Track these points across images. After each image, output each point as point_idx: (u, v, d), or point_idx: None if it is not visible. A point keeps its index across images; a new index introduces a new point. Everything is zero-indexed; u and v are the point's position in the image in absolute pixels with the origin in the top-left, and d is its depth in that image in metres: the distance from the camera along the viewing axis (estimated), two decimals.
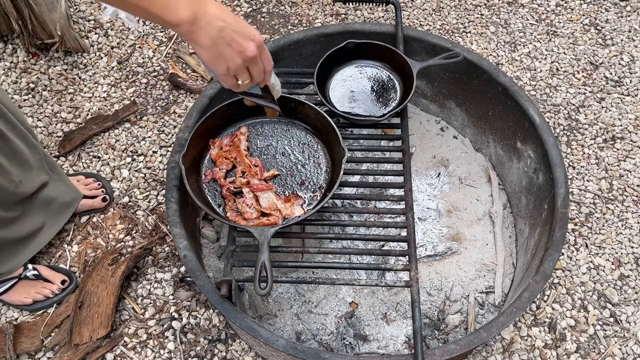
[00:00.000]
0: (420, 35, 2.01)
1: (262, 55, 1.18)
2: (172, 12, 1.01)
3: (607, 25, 2.71)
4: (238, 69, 1.13)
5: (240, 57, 1.11)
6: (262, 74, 1.21)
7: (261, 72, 1.20)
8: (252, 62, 1.15)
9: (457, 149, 2.27)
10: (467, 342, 1.46)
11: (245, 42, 1.10)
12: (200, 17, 1.04)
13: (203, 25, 1.04)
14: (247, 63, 1.14)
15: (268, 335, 1.44)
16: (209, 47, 1.08)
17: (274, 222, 1.52)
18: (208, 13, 1.04)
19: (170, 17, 1.01)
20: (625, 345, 1.88)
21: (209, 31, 1.06)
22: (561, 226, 1.64)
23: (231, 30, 1.08)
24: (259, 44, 1.14)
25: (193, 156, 1.61)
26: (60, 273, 1.89)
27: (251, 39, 1.11)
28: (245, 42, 1.10)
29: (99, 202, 2.03)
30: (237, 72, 1.14)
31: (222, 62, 1.11)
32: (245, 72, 1.16)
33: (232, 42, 1.08)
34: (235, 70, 1.13)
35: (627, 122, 2.39)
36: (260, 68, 1.18)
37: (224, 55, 1.09)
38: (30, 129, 1.77)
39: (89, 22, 2.60)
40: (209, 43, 1.07)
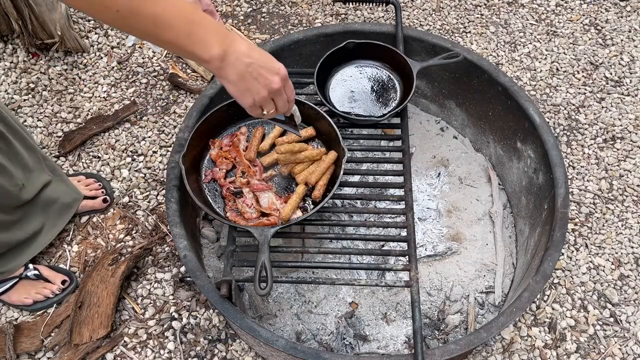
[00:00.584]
0: (420, 35, 2.01)
1: (286, 86, 1.25)
2: (204, 50, 1.07)
3: (607, 25, 2.71)
4: (264, 101, 1.19)
5: (266, 89, 1.17)
6: (287, 104, 1.28)
7: (285, 102, 1.27)
8: (277, 94, 1.21)
9: (457, 149, 2.27)
10: (467, 342, 1.46)
11: (271, 76, 1.17)
12: (230, 54, 1.09)
13: (232, 61, 1.10)
14: (272, 95, 1.20)
15: (268, 335, 1.44)
16: (237, 82, 1.14)
17: (274, 222, 1.52)
18: (237, 50, 1.11)
19: (203, 54, 1.07)
20: (625, 345, 1.88)
21: (238, 67, 1.12)
22: (561, 226, 1.64)
23: (258, 65, 1.14)
24: (284, 76, 1.21)
25: (193, 156, 1.61)
26: (60, 273, 1.89)
27: (276, 73, 1.18)
28: (271, 76, 1.17)
29: (100, 203, 2.03)
30: (263, 103, 1.20)
31: (249, 96, 1.17)
32: (270, 103, 1.22)
33: (258, 76, 1.15)
34: (261, 102, 1.19)
35: (627, 122, 2.39)
36: (284, 99, 1.25)
37: (251, 89, 1.15)
38: (27, 132, 1.77)
39: (89, 22, 2.60)
40: (236, 78, 1.13)
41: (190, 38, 1.05)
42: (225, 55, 1.09)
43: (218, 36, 1.08)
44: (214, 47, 1.07)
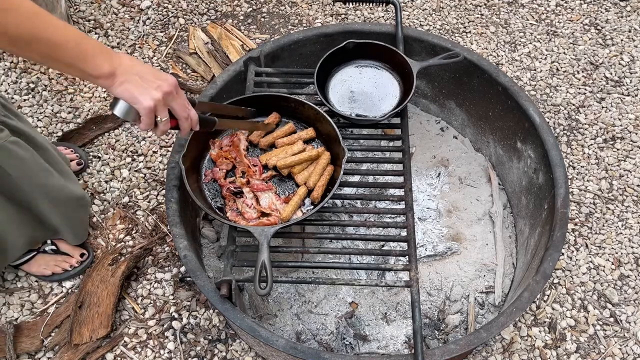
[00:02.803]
0: (420, 35, 2.01)
1: (179, 93, 1.28)
2: (94, 68, 1.14)
3: (607, 25, 2.71)
4: (159, 104, 1.22)
5: (159, 91, 1.21)
6: (185, 108, 1.30)
7: (183, 105, 1.29)
8: (170, 97, 1.25)
9: (457, 149, 2.27)
10: (467, 342, 1.46)
11: (160, 81, 1.22)
12: (117, 69, 1.17)
13: (121, 76, 1.17)
14: (166, 97, 1.23)
15: (268, 335, 1.44)
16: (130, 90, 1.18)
17: (274, 222, 1.52)
18: (122, 64, 1.18)
19: (93, 72, 1.14)
20: (625, 345, 1.88)
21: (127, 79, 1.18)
22: (561, 226, 1.64)
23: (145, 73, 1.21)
24: (173, 83, 1.25)
25: (193, 156, 1.61)
26: (78, 246, 1.95)
27: (164, 79, 1.23)
28: (160, 81, 1.22)
29: (74, 166, 2.12)
30: (159, 107, 1.22)
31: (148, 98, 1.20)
32: (164, 108, 1.25)
33: (148, 82, 1.20)
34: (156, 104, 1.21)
35: (627, 122, 2.39)
36: (180, 102, 1.28)
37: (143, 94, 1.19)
38: None
39: (89, 22, 2.60)
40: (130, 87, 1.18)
41: (82, 57, 1.12)
42: (113, 71, 1.16)
43: (104, 54, 1.15)
44: (103, 65, 1.14)
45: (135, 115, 1.22)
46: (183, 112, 1.30)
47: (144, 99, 1.19)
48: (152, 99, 1.20)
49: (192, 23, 2.67)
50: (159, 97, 1.21)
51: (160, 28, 2.64)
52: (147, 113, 1.21)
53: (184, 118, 1.31)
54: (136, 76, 1.19)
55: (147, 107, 1.20)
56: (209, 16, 2.70)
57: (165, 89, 1.22)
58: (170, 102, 1.26)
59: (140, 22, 2.63)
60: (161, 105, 1.23)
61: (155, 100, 1.20)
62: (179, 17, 2.68)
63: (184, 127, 1.33)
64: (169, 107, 1.26)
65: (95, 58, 1.14)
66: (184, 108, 1.30)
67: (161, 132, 1.29)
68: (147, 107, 1.20)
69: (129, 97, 1.19)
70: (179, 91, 1.29)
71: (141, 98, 1.19)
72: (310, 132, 1.69)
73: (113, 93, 1.19)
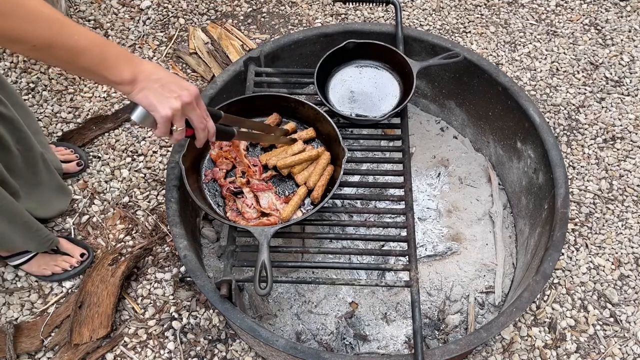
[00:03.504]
0: (420, 35, 2.01)
1: (199, 104, 1.27)
2: (116, 74, 1.14)
3: (607, 25, 2.71)
4: (177, 113, 1.21)
5: (178, 101, 1.20)
6: (202, 120, 1.29)
7: (200, 117, 1.28)
8: (189, 108, 1.24)
9: (457, 149, 2.27)
10: (467, 342, 1.46)
11: (181, 90, 1.21)
12: (139, 75, 1.16)
13: (142, 82, 1.17)
14: (185, 107, 1.22)
15: (268, 335, 1.44)
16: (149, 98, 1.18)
17: (274, 222, 1.52)
18: (144, 71, 1.17)
19: (115, 78, 1.14)
20: (625, 345, 1.88)
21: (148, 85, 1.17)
22: (561, 226, 1.64)
23: (166, 81, 1.20)
24: (195, 93, 1.24)
25: (193, 156, 1.61)
26: (79, 246, 1.95)
27: (186, 89, 1.22)
28: (181, 90, 1.21)
29: (74, 167, 2.12)
30: (177, 116, 1.22)
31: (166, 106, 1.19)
32: (182, 117, 1.24)
33: (169, 91, 1.19)
34: (174, 113, 1.20)
35: (627, 122, 2.39)
36: (198, 114, 1.27)
37: (163, 102, 1.18)
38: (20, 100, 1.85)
39: (89, 22, 2.60)
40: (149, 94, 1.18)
41: (103, 64, 1.12)
42: (135, 78, 1.15)
43: (126, 60, 1.15)
44: (124, 71, 1.14)
45: (152, 122, 1.21)
46: (200, 124, 1.29)
47: (162, 108, 1.18)
48: (170, 108, 1.19)
49: (192, 23, 2.67)
50: (178, 106, 1.20)
51: (160, 28, 2.64)
52: (163, 122, 1.21)
53: (200, 129, 1.30)
54: (157, 84, 1.18)
55: (165, 116, 1.19)
56: (209, 16, 2.71)
57: (185, 99, 1.21)
58: (189, 113, 1.25)
59: (140, 22, 2.63)
60: (179, 115, 1.22)
61: (174, 110, 1.20)
62: (179, 17, 2.68)
63: (200, 138, 1.33)
64: (186, 117, 1.25)
65: (118, 65, 1.13)
66: (202, 119, 1.29)
67: (175, 140, 1.28)
68: (164, 116, 1.19)
69: (147, 105, 1.18)
70: (200, 102, 1.28)
71: (159, 107, 1.18)
72: (310, 132, 1.69)
73: (133, 99, 1.19)
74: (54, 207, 2.00)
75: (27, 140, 1.75)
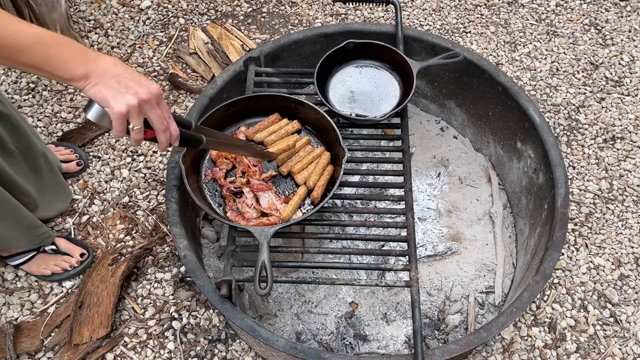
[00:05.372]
0: (420, 35, 2.01)
1: (160, 104, 1.21)
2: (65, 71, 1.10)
3: (607, 25, 2.71)
4: (134, 110, 1.14)
5: (135, 98, 1.14)
6: (163, 120, 1.21)
7: (161, 117, 1.21)
8: (148, 106, 1.17)
9: (457, 149, 2.27)
10: (467, 342, 1.46)
11: (139, 87, 1.15)
12: (93, 70, 1.11)
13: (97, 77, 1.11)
14: (143, 105, 1.16)
15: (268, 335, 1.44)
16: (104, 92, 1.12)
17: (274, 222, 1.52)
18: (101, 65, 1.12)
19: (64, 74, 1.10)
20: (625, 345, 1.88)
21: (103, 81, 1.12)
22: (561, 226, 1.64)
23: (124, 77, 1.14)
24: (156, 93, 1.18)
25: (193, 156, 1.61)
26: (78, 246, 1.95)
27: (146, 87, 1.16)
28: (139, 87, 1.15)
29: (74, 166, 2.12)
30: (133, 113, 1.15)
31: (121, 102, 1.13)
32: (139, 115, 1.17)
33: (126, 87, 1.13)
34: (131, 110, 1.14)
35: (627, 122, 2.39)
36: (158, 113, 1.20)
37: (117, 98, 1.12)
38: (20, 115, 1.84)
39: (89, 22, 2.60)
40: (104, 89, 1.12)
41: (48, 61, 1.08)
42: (88, 73, 1.11)
43: (79, 56, 1.11)
44: (76, 68, 1.10)
45: (109, 120, 1.15)
46: (160, 125, 1.20)
47: (116, 103, 1.12)
48: (125, 104, 1.12)
49: (192, 23, 2.67)
50: (134, 103, 1.13)
51: (160, 28, 2.64)
52: (117, 118, 1.14)
53: (161, 131, 1.22)
54: (113, 79, 1.12)
55: (118, 112, 1.12)
56: (209, 16, 2.71)
57: (142, 97, 1.14)
58: (147, 112, 1.17)
59: (140, 22, 2.63)
60: (135, 113, 1.15)
61: (129, 106, 1.13)
62: (179, 17, 2.68)
63: (162, 141, 1.24)
64: (145, 116, 1.19)
65: (67, 62, 1.09)
66: (162, 120, 1.20)
67: (134, 140, 1.20)
68: (117, 112, 1.12)
69: (100, 100, 1.12)
70: (161, 101, 1.20)
71: (113, 102, 1.12)
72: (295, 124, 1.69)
73: (86, 94, 1.13)
74: (54, 207, 2.00)
75: (26, 138, 1.75)
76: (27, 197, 1.78)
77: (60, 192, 2.01)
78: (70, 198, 2.08)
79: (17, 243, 1.80)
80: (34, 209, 1.84)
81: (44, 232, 1.83)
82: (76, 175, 2.15)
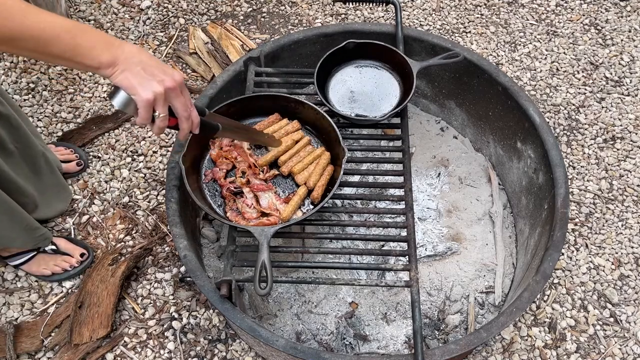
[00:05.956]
0: (420, 35, 2.01)
1: (183, 92, 1.23)
2: (91, 59, 1.10)
3: (607, 25, 2.71)
4: (160, 97, 1.16)
5: (161, 85, 1.15)
6: (187, 108, 1.24)
7: (185, 104, 1.23)
8: (173, 93, 1.19)
9: (457, 149, 2.27)
10: (467, 342, 1.46)
11: (164, 75, 1.16)
12: (119, 57, 1.12)
13: (122, 64, 1.12)
14: (169, 93, 1.18)
15: (268, 335, 1.44)
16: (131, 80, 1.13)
17: (274, 222, 1.52)
18: (126, 52, 1.13)
19: (91, 62, 1.10)
20: (625, 345, 1.88)
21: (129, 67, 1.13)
22: (561, 226, 1.64)
23: (149, 65, 1.15)
24: (179, 80, 1.19)
25: (193, 156, 1.61)
26: (78, 246, 1.95)
27: (170, 75, 1.18)
28: (164, 75, 1.16)
29: (74, 166, 2.12)
30: (159, 100, 1.17)
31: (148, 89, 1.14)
32: (164, 104, 1.19)
33: (151, 74, 1.15)
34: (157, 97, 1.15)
35: (627, 122, 2.39)
36: (182, 101, 1.22)
37: (144, 85, 1.14)
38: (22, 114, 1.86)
39: (89, 22, 2.60)
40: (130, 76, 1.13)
41: (76, 50, 1.08)
42: (114, 60, 1.11)
43: (103, 44, 1.11)
44: (102, 55, 1.10)
45: (134, 108, 1.16)
46: (184, 112, 1.24)
47: (143, 90, 1.13)
48: (152, 92, 1.14)
49: (192, 23, 2.67)
50: (160, 90, 1.15)
51: (160, 28, 2.64)
52: (144, 105, 1.15)
53: (184, 118, 1.25)
54: (139, 66, 1.13)
55: (146, 100, 1.14)
56: (209, 16, 2.71)
57: (168, 84, 1.16)
58: (172, 99, 1.20)
59: (140, 22, 2.63)
60: (161, 100, 1.17)
61: (155, 94, 1.14)
62: (179, 17, 2.68)
63: (183, 128, 1.27)
64: (170, 104, 1.20)
65: (93, 50, 1.09)
66: (186, 107, 1.24)
67: (158, 128, 1.22)
68: (145, 100, 1.14)
69: (127, 87, 1.13)
70: (184, 89, 1.23)
71: (140, 89, 1.13)
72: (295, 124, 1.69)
73: (113, 81, 1.14)
74: (54, 207, 2.00)
75: (25, 138, 1.75)
76: (27, 197, 1.78)
77: (60, 192, 2.01)
78: (70, 198, 2.08)
79: (12, 244, 1.79)
80: (34, 209, 1.84)
81: (42, 234, 1.83)
82: (76, 175, 2.15)
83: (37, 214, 1.87)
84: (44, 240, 1.86)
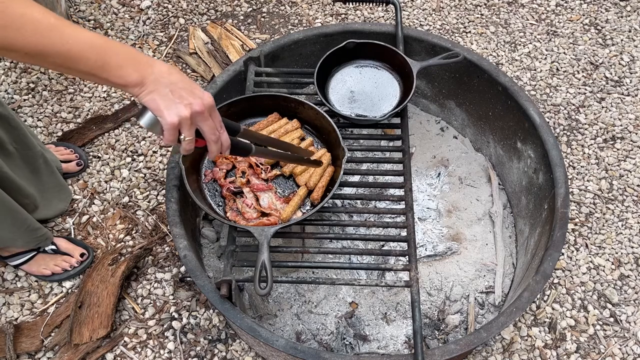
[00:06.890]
0: (420, 35, 2.01)
1: (213, 115, 1.20)
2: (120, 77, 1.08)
3: (607, 25, 2.71)
4: (186, 122, 1.14)
5: (188, 109, 1.13)
6: (215, 131, 1.21)
7: (213, 128, 1.20)
8: (200, 117, 1.16)
9: (457, 149, 2.27)
10: (467, 342, 1.46)
11: (193, 98, 1.14)
12: (147, 77, 1.09)
13: (151, 84, 1.10)
14: (195, 117, 1.15)
15: (268, 335, 1.44)
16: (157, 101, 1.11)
17: (274, 222, 1.52)
18: (155, 72, 1.10)
19: (119, 81, 1.08)
20: (625, 345, 1.88)
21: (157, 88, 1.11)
22: (561, 226, 1.64)
23: (178, 87, 1.12)
24: (208, 104, 1.16)
25: (193, 156, 1.61)
26: (79, 246, 1.95)
27: (199, 97, 1.15)
28: (193, 98, 1.14)
29: (73, 166, 2.13)
30: (185, 124, 1.14)
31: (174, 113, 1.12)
32: (191, 127, 1.16)
33: (179, 97, 1.12)
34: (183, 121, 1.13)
35: (627, 122, 2.39)
36: (210, 124, 1.19)
37: (170, 108, 1.11)
38: None
39: (89, 22, 2.60)
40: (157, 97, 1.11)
41: (104, 68, 1.06)
42: (142, 80, 1.09)
43: (132, 62, 1.09)
44: (130, 75, 1.08)
45: (160, 129, 1.15)
46: (212, 136, 1.20)
47: (169, 114, 1.11)
48: (177, 115, 1.12)
49: (192, 23, 2.67)
50: (187, 114, 1.12)
51: (160, 28, 2.64)
52: (169, 129, 1.13)
53: (212, 141, 1.22)
54: (167, 88, 1.11)
55: (171, 123, 1.12)
56: (209, 16, 2.71)
57: (195, 108, 1.13)
58: (199, 123, 1.17)
59: (140, 22, 2.63)
60: (187, 124, 1.14)
61: (181, 117, 1.12)
62: (179, 17, 2.68)
63: (212, 151, 1.23)
64: (197, 127, 1.18)
65: (121, 69, 1.07)
66: (214, 131, 1.20)
67: (184, 150, 1.21)
68: (170, 123, 1.12)
69: (154, 108, 1.12)
70: (214, 112, 1.20)
71: (166, 112, 1.11)
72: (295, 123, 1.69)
73: (140, 101, 1.13)
74: (54, 207, 2.00)
75: (24, 139, 1.75)
76: (27, 198, 1.78)
77: (60, 192, 2.01)
78: (70, 198, 2.08)
79: (14, 244, 1.80)
80: (34, 209, 1.84)
81: (42, 234, 1.83)
82: (76, 175, 2.15)
83: (37, 214, 1.87)
84: (44, 240, 1.86)
